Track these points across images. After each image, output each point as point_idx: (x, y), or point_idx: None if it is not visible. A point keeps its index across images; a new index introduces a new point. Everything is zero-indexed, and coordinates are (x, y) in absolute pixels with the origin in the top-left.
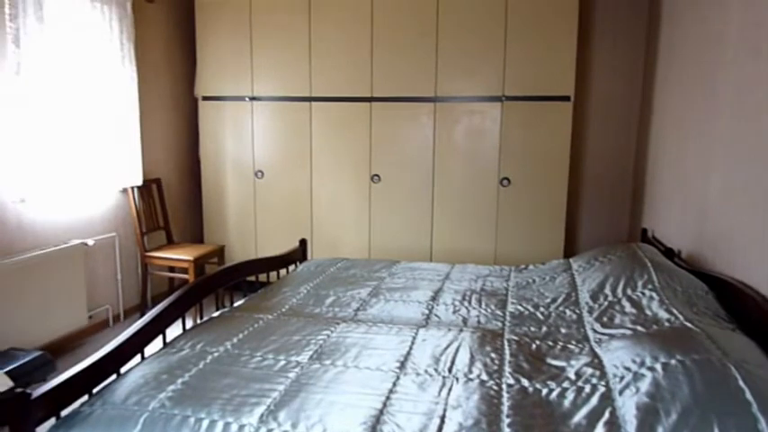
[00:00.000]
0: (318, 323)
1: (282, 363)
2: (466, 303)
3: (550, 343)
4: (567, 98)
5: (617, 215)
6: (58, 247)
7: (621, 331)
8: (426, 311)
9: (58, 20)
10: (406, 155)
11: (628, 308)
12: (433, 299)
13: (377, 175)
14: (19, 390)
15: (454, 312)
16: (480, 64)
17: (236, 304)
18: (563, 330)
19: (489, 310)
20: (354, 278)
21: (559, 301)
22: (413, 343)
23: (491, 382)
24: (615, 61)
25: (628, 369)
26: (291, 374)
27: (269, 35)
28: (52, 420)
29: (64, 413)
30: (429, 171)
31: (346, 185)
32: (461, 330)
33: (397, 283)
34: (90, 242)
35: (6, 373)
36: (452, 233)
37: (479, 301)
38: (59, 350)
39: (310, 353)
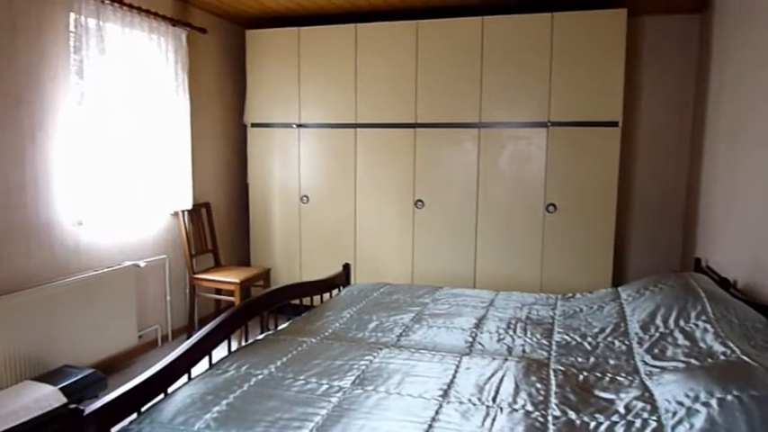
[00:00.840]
0: (361, 348)
1: (325, 387)
2: (511, 332)
3: (598, 374)
4: (614, 123)
5: (668, 243)
6: (111, 269)
7: (674, 364)
8: (470, 339)
9: (118, 52)
10: (450, 181)
11: (680, 340)
12: (477, 326)
13: (420, 201)
14: (72, 406)
15: (499, 341)
16: (525, 90)
17: (280, 327)
18: (612, 362)
19: (535, 339)
20: (397, 303)
21: (608, 331)
22: (456, 371)
23: (536, 413)
24: (664, 90)
25: (681, 404)
26: (334, 399)
27: (316, 64)
28: None
29: (114, 430)
30: (473, 197)
31: (390, 211)
32: (506, 359)
33: (440, 309)
34: (141, 264)
35: (60, 389)
36: (497, 260)
37: (525, 330)
38: (110, 368)
39: (353, 378)
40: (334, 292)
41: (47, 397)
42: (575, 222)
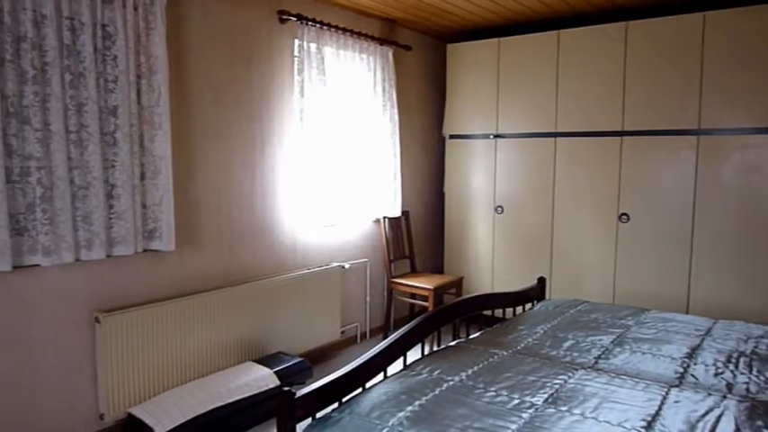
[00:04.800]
0: (555, 366)
1: (516, 401)
2: (732, 366)
3: None
4: None
5: None
6: (321, 268)
7: None
8: (681, 370)
9: (333, 71)
10: (662, 193)
11: None
12: (690, 356)
13: (625, 215)
14: (286, 389)
15: (716, 375)
16: (757, 90)
17: (471, 336)
18: None
19: (762, 378)
20: (596, 323)
21: None
22: (663, 402)
23: None
24: None
25: None
26: (525, 415)
27: (515, 74)
28: (308, 420)
29: (318, 415)
30: (688, 212)
31: (591, 224)
32: (725, 397)
33: (645, 333)
34: (347, 265)
35: (275, 372)
36: (716, 284)
37: (749, 366)
38: (315, 359)
39: (545, 396)
40: (528, 305)
41: (264, 378)
42: None
